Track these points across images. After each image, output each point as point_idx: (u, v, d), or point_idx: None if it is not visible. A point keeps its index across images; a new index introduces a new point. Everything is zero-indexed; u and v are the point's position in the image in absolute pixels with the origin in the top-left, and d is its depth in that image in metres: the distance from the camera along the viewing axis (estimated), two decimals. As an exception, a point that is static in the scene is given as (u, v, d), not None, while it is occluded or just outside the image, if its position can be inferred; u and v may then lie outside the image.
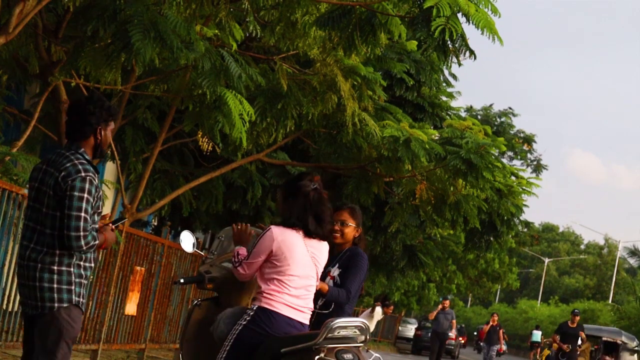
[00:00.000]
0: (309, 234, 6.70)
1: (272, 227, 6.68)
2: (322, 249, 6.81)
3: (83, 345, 13.89)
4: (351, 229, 7.46)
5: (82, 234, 5.91)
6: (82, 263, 6.09)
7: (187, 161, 18.59)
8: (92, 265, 6.24)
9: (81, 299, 6.09)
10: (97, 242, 6.01)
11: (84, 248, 5.95)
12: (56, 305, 5.99)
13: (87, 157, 6.13)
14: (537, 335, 45.68)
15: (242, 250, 6.85)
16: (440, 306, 27.03)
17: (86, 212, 5.95)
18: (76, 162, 6.04)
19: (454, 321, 27.65)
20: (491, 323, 31.19)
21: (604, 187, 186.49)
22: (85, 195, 5.96)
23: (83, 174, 5.99)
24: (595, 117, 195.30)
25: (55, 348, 6.04)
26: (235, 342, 6.55)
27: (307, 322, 6.70)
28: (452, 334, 28.43)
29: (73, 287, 6.04)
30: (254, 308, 6.59)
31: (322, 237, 6.80)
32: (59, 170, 6.02)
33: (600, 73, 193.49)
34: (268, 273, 6.62)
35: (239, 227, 7.17)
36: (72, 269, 6.03)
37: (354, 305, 7.52)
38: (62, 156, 6.11)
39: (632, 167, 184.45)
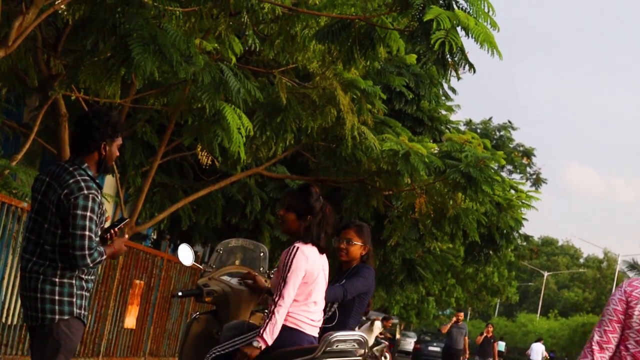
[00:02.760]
0: (321, 250, 6.69)
1: (299, 245, 6.56)
2: (327, 262, 6.80)
3: (82, 358, 13.86)
4: (357, 247, 7.44)
5: (87, 252, 5.90)
6: (84, 276, 6.07)
7: (186, 175, 18.57)
8: (95, 277, 6.23)
9: (83, 311, 6.07)
10: (103, 257, 6.00)
11: (91, 265, 5.95)
12: (57, 317, 5.98)
13: (90, 172, 6.09)
14: (501, 346, 45.33)
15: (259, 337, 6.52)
16: (454, 319, 25.33)
17: (90, 230, 5.93)
18: (79, 178, 6.00)
19: (466, 337, 25.83)
20: (485, 334, 29.06)
21: (602, 201, 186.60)
22: (89, 213, 5.94)
23: (86, 192, 5.96)
24: (591, 130, 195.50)
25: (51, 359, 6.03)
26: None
27: (317, 334, 6.70)
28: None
29: (74, 299, 6.02)
30: None
31: (326, 252, 6.80)
32: (62, 187, 5.99)
33: (597, 85, 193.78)
34: (297, 294, 6.52)
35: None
36: (74, 281, 6.02)
37: (359, 319, 7.51)
38: (66, 171, 6.07)
39: (630, 181, 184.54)
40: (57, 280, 5.98)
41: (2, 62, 11.40)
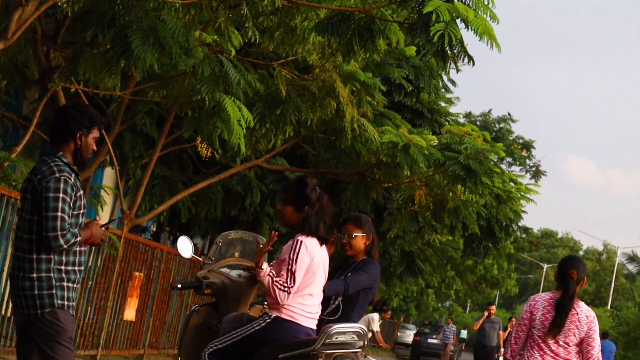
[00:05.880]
0: (321, 241, 6.69)
1: (302, 239, 6.56)
2: (327, 254, 6.80)
3: (82, 351, 13.88)
4: (359, 239, 7.44)
5: (59, 233, 5.90)
6: (62, 267, 6.06)
7: (186, 167, 18.57)
8: (80, 268, 6.19)
9: (66, 302, 6.06)
10: (78, 239, 5.98)
11: (65, 247, 5.93)
12: (39, 311, 6.00)
13: (65, 160, 6.14)
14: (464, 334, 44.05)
15: (271, 269, 6.55)
16: (486, 313, 23.58)
17: (63, 211, 5.94)
18: (52, 164, 6.08)
19: (501, 332, 23.68)
20: (510, 329, 25.01)
21: (601, 193, 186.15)
22: (61, 195, 5.97)
23: (58, 175, 6.00)
24: (589, 122, 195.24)
25: (54, 352, 6.04)
26: (244, 340, 6.54)
27: (315, 327, 6.70)
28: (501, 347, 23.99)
29: (54, 292, 6.02)
30: (272, 316, 6.54)
31: (327, 243, 6.80)
32: (36, 175, 6.07)
33: (594, 78, 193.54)
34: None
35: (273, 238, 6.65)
36: (52, 274, 6.02)
37: (363, 313, 7.52)
38: (42, 162, 6.17)
39: (628, 173, 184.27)
40: (35, 276, 6.00)
41: (2, 54, 11.40)
